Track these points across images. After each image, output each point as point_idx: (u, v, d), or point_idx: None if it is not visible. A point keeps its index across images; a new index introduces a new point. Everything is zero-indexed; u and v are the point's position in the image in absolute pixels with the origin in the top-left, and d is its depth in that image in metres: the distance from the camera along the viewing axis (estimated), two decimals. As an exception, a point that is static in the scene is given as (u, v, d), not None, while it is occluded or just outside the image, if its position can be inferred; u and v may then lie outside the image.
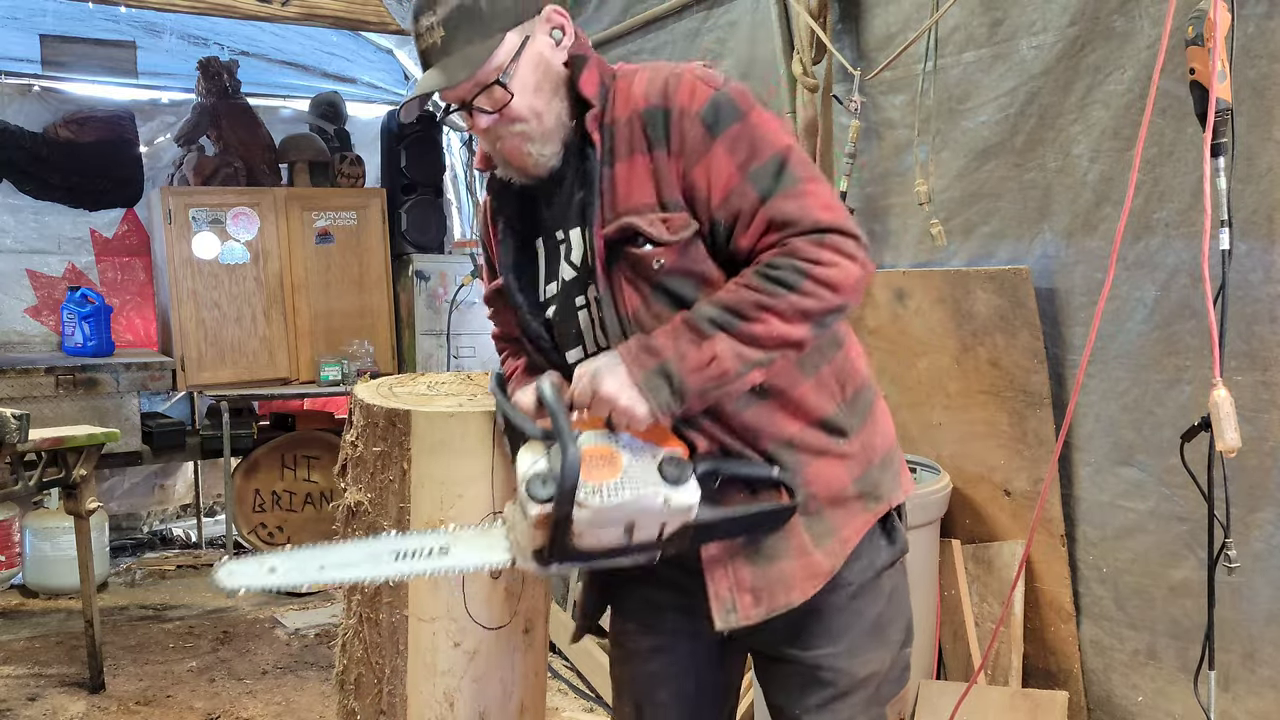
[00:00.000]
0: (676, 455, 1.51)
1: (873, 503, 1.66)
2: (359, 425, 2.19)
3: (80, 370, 5.09)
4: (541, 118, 1.56)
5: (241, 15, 4.77)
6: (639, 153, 1.54)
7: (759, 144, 1.51)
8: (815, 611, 1.63)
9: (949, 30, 2.96)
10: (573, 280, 1.64)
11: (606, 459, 1.48)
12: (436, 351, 5.91)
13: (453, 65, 1.51)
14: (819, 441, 1.61)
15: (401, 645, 2.14)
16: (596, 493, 1.46)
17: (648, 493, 1.47)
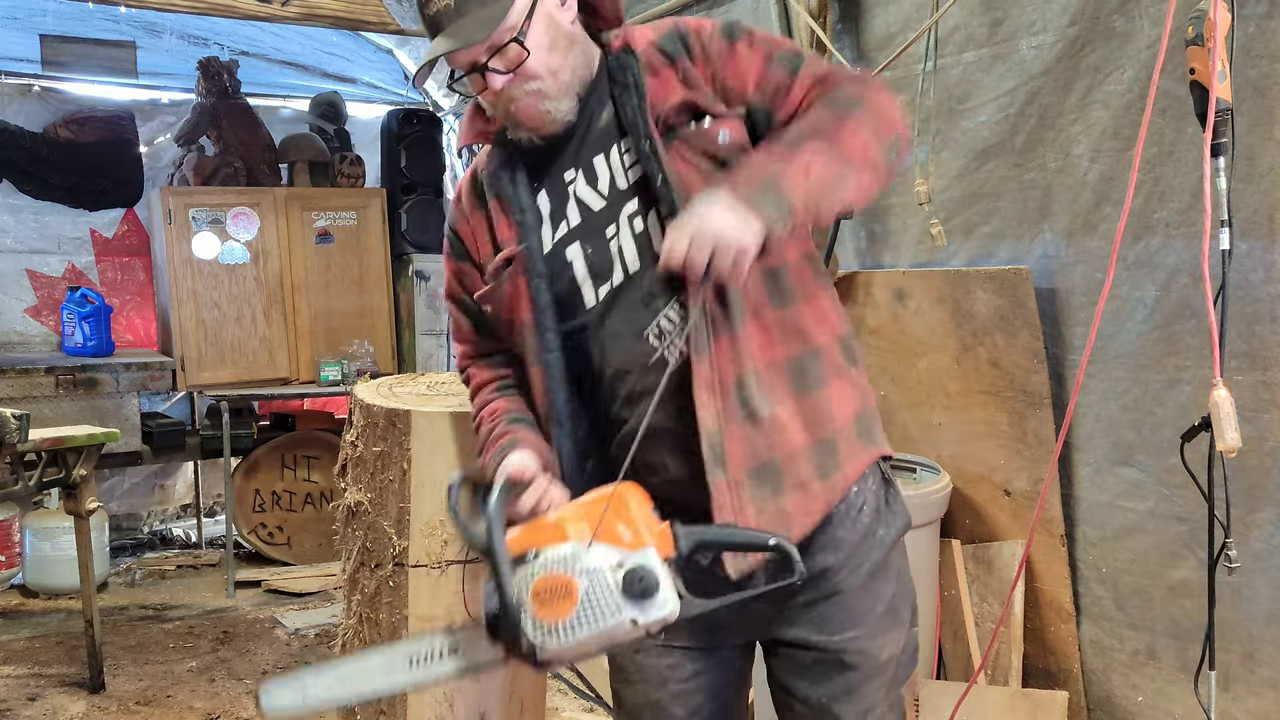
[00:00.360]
0: (641, 564, 1.37)
1: (868, 442, 1.66)
2: (359, 425, 2.19)
3: (80, 370, 5.08)
4: (557, 74, 1.56)
5: (241, 15, 4.76)
6: (662, 67, 1.59)
7: (774, 40, 1.60)
8: (836, 595, 1.62)
9: (949, 30, 2.96)
10: (601, 210, 1.59)
11: (561, 590, 1.36)
12: (436, 351, 5.91)
13: (467, 26, 1.50)
14: (837, 360, 1.62)
15: (401, 645, 2.14)
16: (551, 634, 1.36)
17: (610, 622, 1.36)
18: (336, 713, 2.35)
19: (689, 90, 1.56)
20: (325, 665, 1.62)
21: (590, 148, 1.61)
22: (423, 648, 1.56)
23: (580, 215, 1.61)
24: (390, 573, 2.13)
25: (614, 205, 1.59)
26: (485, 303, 1.72)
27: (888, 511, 1.68)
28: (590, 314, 1.61)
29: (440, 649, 1.56)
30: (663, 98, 1.57)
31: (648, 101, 1.56)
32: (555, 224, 1.63)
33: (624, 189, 1.58)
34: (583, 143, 1.62)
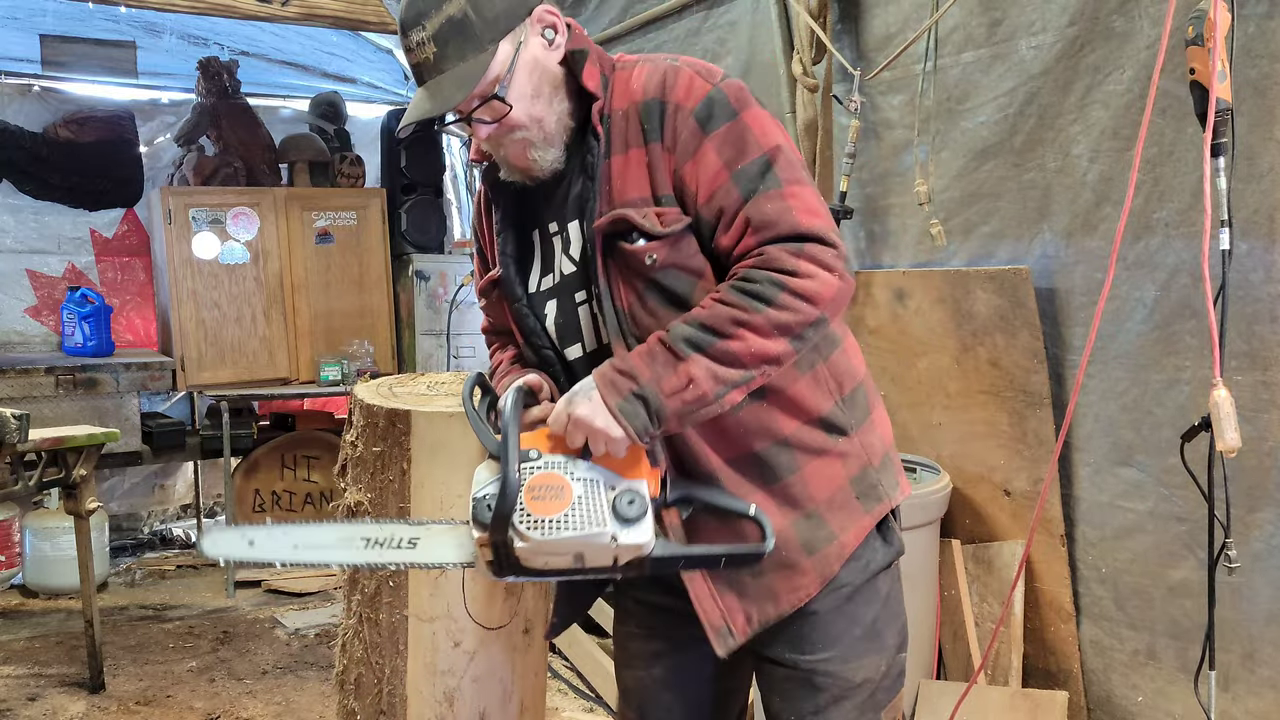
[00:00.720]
0: (635, 490, 1.45)
1: (872, 504, 1.64)
2: (359, 425, 2.19)
3: (80, 370, 5.09)
4: (542, 123, 1.55)
5: (241, 15, 4.77)
6: (634, 146, 1.54)
7: (747, 143, 1.49)
8: (811, 616, 1.62)
9: (948, 30, 2.96)
10: (572, 275, 1.62)
11: (556, 490, 1.43)
12: (436, 351, 5.91)
13: (447, 85, 1.49)
14: (816, 440, 1.59)
15: (401, 645, 2.14)
16: (537, 526, 1.41)
17: (594, 531, 1.42)
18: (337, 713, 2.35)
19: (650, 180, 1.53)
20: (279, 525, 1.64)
21: (569, 210, 1.61)
22: (384, 532, 1.61)
23: (559, 275, 1.64)
24: (390, 573, 2.13)
25: (581, 276, 1.60)
26: (484, 311, 1.80)
27: (878, 540, 1.66)
28: (573, 365, 1.65)
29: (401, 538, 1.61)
30: (621, 187, 1.53)
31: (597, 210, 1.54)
32: (544, 271, 1.66)
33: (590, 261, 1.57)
34: (565, 201, 1.61)
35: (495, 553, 1.44)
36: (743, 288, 1.44)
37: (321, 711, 3.54)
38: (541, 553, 1.44)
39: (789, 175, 1.49)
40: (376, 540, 1.61)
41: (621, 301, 1.55)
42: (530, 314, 1.66)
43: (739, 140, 1.50)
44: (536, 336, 1.67)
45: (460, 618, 2.14)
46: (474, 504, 1.44)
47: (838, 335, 1.65)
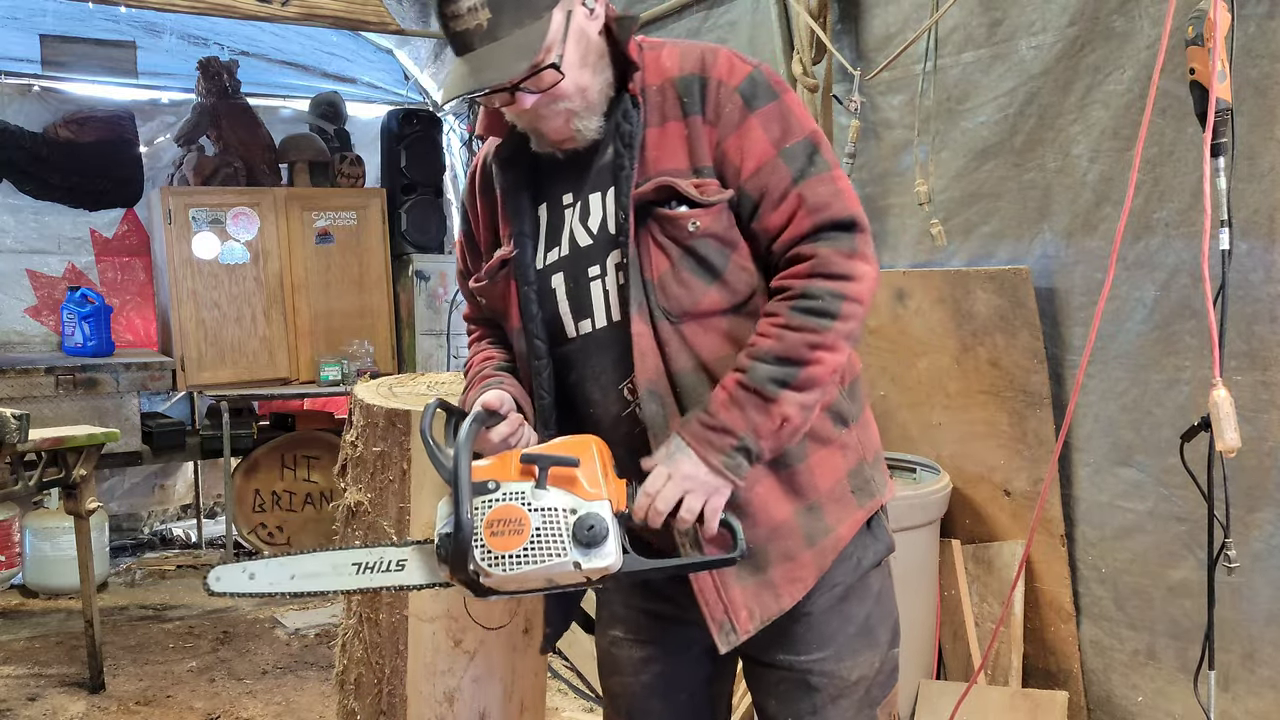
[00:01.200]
0: (595, 513, 1.42)
1: (865, 499, 1.64)
2: (359, 425, 2.19)
3: (80, 370, 5.08)
4: (586, 92, 1.53)
5: (241, 15, 4.76)
6: (672, 119, 1.53)
7: (790, 124, 1.51)
8: (804, 616, 1.61)
9: (948, 30, 2.96)
10: (588, 248, 1.58)
11: (514, 524, 1.42)
12: (436, 351, 5.91)
13: (502, 54, 1.45)
14: (824, 429, 1.58)
15: (401, 645, 2.14)
16: (498, 563, 1.41)
17: (555, 562, 1.42)
18: (337, 713, 2.35)
19: (689, 151, 1.52)
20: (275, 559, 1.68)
21: (591, 181, 1.58)
22: (374, 557, 1.63)
23: (569, 247, 1.60)
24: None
25: (600, 248, 1.57)
26: (481, 295, 1.72)
27: (869, 537, 1.66)
28: (573, 344, 1.61)
29: (390, 561, 1.63)
30: (657, 157, 1.53)
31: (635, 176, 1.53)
32: (549, 245, 1.62)
33: (612, 234, 1.56)
34: (586, 171, 1.59)
35: (467, 583, 1.45)
36: (807, 307, 1.45)
37: (321, 711, 3.54)
38: (510, 583, 1.44)
39: (832, 159, 1.52)
40: (367, 565, 1.63)
41: (651, 272, 1.53)
42: (535, 298, 1.62)
43: (783, 120, 1.51)
44: (533, 323, 1.62)
45: (460, 618, 2.14)
46: (437, 540, 1.45)
47: None
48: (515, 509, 1.43)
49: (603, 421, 1.59)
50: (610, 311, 1.58)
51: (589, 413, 1.62)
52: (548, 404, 1.63)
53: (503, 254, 1.64)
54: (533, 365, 1.63)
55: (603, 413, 1.60)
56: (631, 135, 1.53)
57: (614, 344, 1.57)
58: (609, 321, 1.58)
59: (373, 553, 1.64)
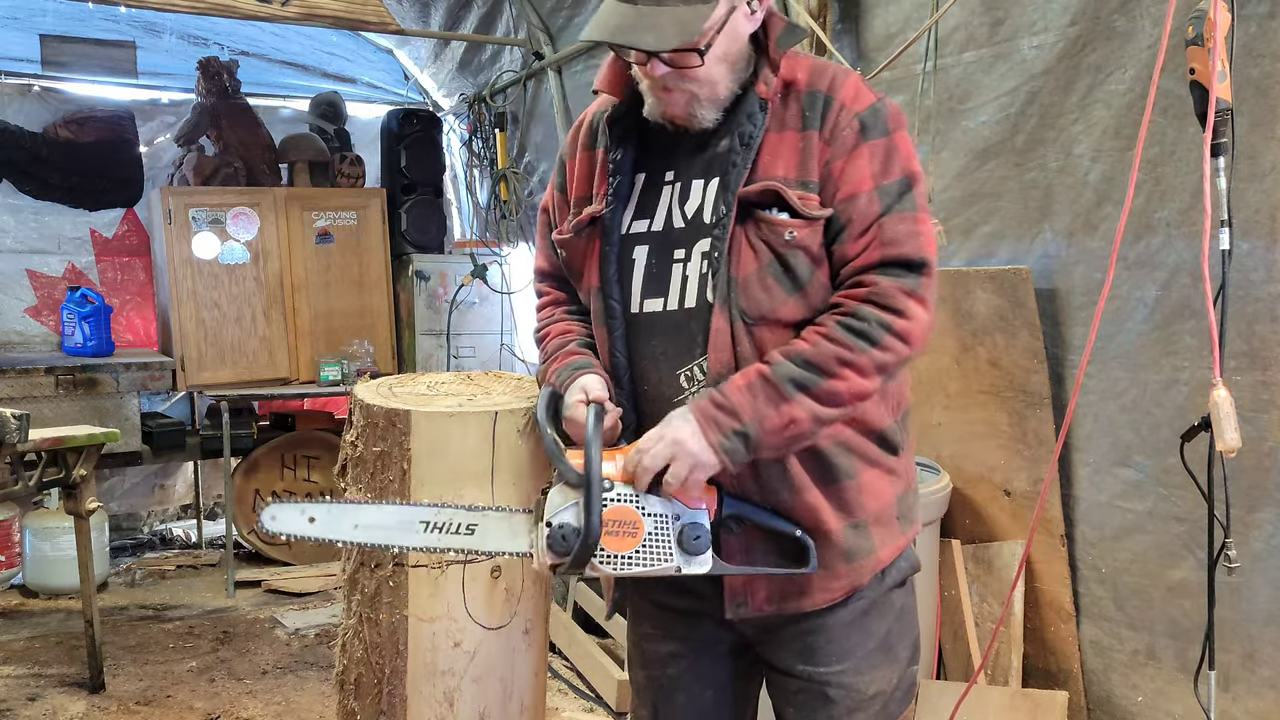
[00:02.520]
0: (699, 523, 1.51)
1: (907, 526, 1.68)
2: (359, 425, 2.18)
3: (80, 370, 5.08)
4: (716, 86, 1.56)
5: (241, 15, 4.76)
6: (791, 129, 1.56)
7: (894, 163, 1.54)
8: (825, 628, 1.64)
9: (949, 30, 2.96)
10: (680, 230, 1.61)
11: (629, 527, 1.49)
12: (436, 351, 5.91)
13: (664, 22, 1.47)
14: (872, 452, 1.61)
15: (401, 645, 2.14)
16: (610, 562, 1.49)
17: (662, 565, 1.50)
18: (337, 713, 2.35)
19: (800, 163, 1.55)
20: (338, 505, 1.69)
21: (697, 167, 1.61)
22: (443, 517, 1.65)
23: (662, 224, 1.62)
24: (390, 573, 2.13)
25: (692, 233, 1.60)
26: (562, 248, 1.74)
27: (899, 556, 1.69)
28: (638, 319, 1.63)
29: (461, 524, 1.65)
30: (770, 161, 1.56)
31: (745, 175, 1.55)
32: (639, 215, 1.64)
33: (707, 224, 1.59)
34: (695, 156, 1.61)
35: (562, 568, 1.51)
36: (851, 325, 1.49)
37: (321, 711, 3.54)
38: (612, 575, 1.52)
39: (923, 204, 1.55)
40: (435, 525, 1.65)
41: (739, 270, 1.55)
42: (615, 260, 1.64)
43: (888, 157, 1.54)
44: (609, 285, 1.64)
45: (460, 618, 2.14)
46: (549, 531, 1.50)
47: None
48: (631, 511, 1.50)
49: (655, 401, 1.62)
50: (685, 297, 1.60)
51: (642, 390, 1.65)
52: (621, 364, 1.65)
53: (593, 210, 1.66)
54: (608, 324, 1.66)
55: (655, 393, 1.63)
56: (752, 136, 1.56)
57: (681, 329, 1.60)
58: (680, 306, 1.60)
59: (441, 512, 1.65)
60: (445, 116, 6.30)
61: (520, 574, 2.17)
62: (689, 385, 1.59)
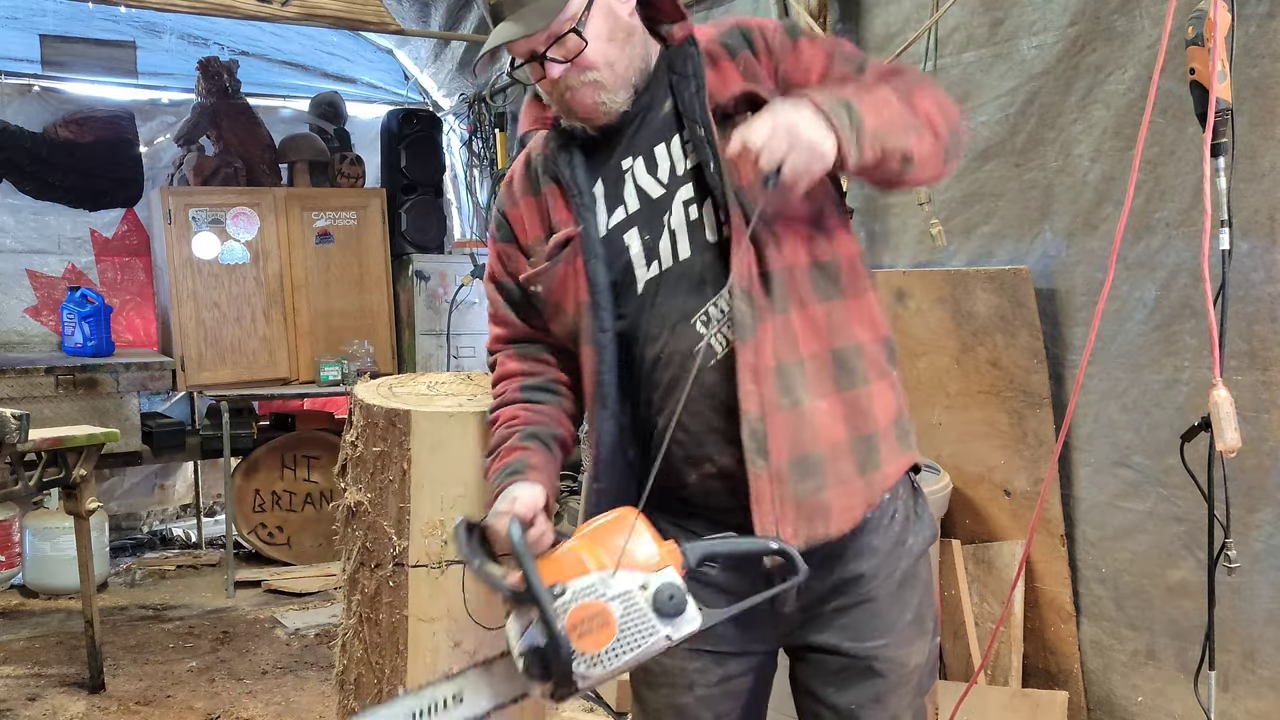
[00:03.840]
0: (668, 582, 1.41)
1: (906, 447, 1.67)
2: (359, 425, 2.18)
3: (80, 370, 5.08)
4: (614, 66, 1.58)
5: (241, 15, 4.76)
6: (722, 60, 1.61)
7: (837, 42, 1.64)
8: (869, 603, 1.62)
9: (949, 30, 2.96)
10: (661, 197, 1.61)
11: (598, 620, 1.38)
12: (436, 351, 5.91)
13: (528, 15, 1.54)
14: (880, 360, 1.63)
15: (401, 645, 2.14)
16: (596, 663, 1.38)
17: (649, 643, 1.40)
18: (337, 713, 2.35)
19: (747, 82, 1.58)
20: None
21: (650, 137, 1.63)
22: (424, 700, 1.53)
23: (639, 201, 1.63)
24: (390, 573, 2.13)
25: (670, 191, 1.61)
26: (534, 283, 1.71)
27: (917, 521, 1.69)
28: (642, 296, 1.62)
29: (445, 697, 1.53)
30: (721, 89, 1.59)
31: (706, 91, 1.58)
32: (610, 209, 1.65)
33: (680, 174, 1.60)
34: (639, 131, 1.63)
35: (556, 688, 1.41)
36: (899, 77, 1.60)
37: (321, 711, 3.54)
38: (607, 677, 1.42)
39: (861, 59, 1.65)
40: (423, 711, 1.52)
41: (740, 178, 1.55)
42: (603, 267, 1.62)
43: (830, 39, 1.65)
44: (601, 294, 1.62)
45: (460, 618, 2.14)
46: (523, 665, 1.40)
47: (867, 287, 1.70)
48: (594, 604, 1.39)
49: (670, 370, 1.59)
50: (678, 249, 1.60)
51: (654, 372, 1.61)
52: (609, 383, 1.63)
53: (566, 233, 1.66)
54: (596, 340, 1.63)
55: (667, 357, 1.59)
56: (695, 70, 1.60)
57: (685, 276, 1.59)
58: (676, 260, 1.60)
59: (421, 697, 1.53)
60: (445, 116, 6.30)
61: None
62: (705, 329, 1.57)
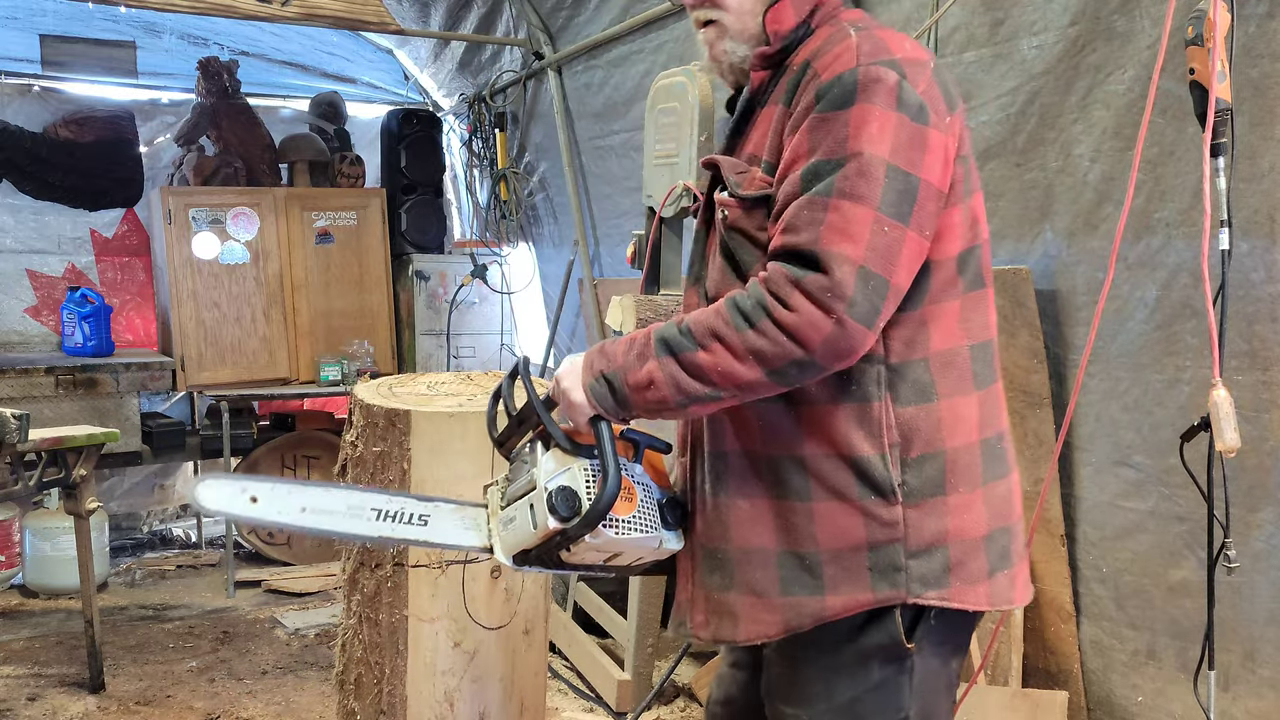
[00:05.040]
0: (676, 499, 1.53)
1: (884, 587, 1.44)
2: (359, 425, 2.19)
3: (80, 370, 5.08)
4: (744, 15, 1.53)
5: (241, 15, 4.76)
6: (776, 103, 1.49)
7: (838, 139, 1.37)
8: (796, 667, 1.53)
9: (949, 30, 2.96)
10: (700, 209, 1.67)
11: (626, 491, 1.45)
12: (436, 351, 5.91)
13: None
14: (839, 481, 1.44)
15: (401, 645, 2.14)
16: (612, 525, 1.44)
17: (650, 535, 1.47)
18: (337, 713, 2.35)
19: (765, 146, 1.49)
20: (285, 484, 1.56)
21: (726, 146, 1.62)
22: (394, 505, 1.56)
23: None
24: (390, 573, 2.13)
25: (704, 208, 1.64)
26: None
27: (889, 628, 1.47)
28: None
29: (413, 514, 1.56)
30: (753, 138, 1.53)
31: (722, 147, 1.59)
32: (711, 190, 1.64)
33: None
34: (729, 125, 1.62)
35: (551, 542, 1.46)
36: (737, 302, 1.37)
37: (321, 711, 3.54)
38: (595, 550, 1.47)
39: (847, 187, 1.35)
40: (387, 513, 1.56)
41: (709, 247, 1.58)
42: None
43: (834, 132, 1.38)
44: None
45: (460, 618, 2.14)
46: (551, 496, 1.43)
47: (930, 388, 1.47)
48: (627, 480, 1.46)
49: None
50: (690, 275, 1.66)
51: None
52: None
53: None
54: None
55: None
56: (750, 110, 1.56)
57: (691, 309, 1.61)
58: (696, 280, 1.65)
59: (393, 500, 1.57)
60: (445, 116, 6.30)
61: (520, 574, 2.18)
62: None
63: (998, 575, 1.49)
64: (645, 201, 3.40)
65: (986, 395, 1.55)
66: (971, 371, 1.51)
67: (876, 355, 1.43)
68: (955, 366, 1.49)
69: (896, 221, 1.35)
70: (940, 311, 1.46)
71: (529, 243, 5.86)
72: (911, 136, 1.37)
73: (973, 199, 1.50)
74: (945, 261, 1.45)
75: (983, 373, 1.53)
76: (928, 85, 1.41)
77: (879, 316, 1.35)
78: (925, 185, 1.38)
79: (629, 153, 4.59)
